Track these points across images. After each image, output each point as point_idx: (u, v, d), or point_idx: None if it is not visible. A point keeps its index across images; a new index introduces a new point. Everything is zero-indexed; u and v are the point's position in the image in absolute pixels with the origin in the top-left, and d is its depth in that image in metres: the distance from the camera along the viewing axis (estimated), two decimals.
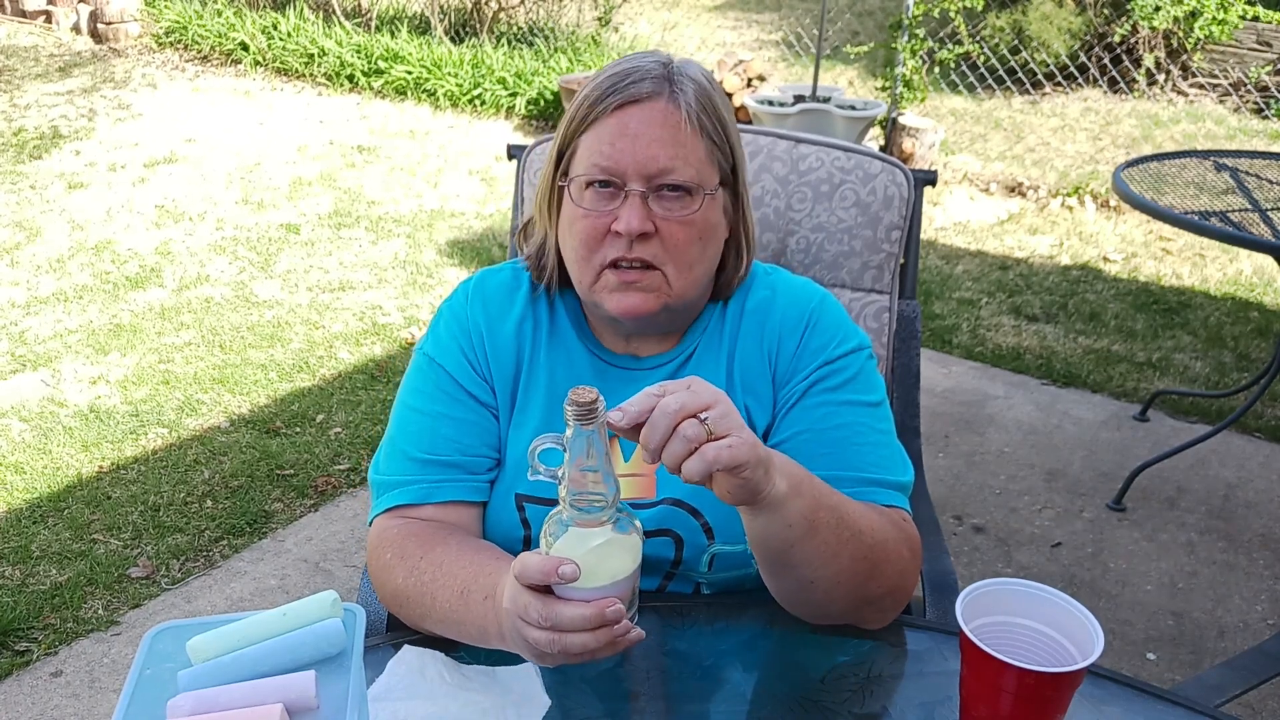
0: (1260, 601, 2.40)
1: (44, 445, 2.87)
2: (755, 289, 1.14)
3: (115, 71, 6.76)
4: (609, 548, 0.81)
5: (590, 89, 1.03)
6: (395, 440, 1.11)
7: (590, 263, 1.04)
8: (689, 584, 1.10)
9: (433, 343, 1.14)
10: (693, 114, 1.01)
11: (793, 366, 1.09)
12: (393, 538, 1.04)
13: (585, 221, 1.03)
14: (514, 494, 1.09)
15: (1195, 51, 6.10)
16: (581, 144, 1.03)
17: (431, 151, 5.54)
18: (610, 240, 1.02)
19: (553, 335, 1.13)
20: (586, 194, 1.03)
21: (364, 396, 3.18)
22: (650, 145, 1.00)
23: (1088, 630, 0.83)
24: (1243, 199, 2.73)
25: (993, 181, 5.19)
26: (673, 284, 1.03)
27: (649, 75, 1.02)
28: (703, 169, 1.03)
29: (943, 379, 3.40)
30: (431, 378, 1.12)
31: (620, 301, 1.03)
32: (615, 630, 0.80)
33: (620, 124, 1.01)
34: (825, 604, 0.98)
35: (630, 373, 1.11)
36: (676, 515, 1.06)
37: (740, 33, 7.92)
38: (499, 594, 0.88)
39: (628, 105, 1.01)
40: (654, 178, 1.01)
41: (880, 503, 1.02)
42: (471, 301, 1.14)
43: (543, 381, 1.11)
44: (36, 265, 4.03)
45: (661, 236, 1.02)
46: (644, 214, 1.01)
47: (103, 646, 2.20)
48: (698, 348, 1.12)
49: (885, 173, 1.51)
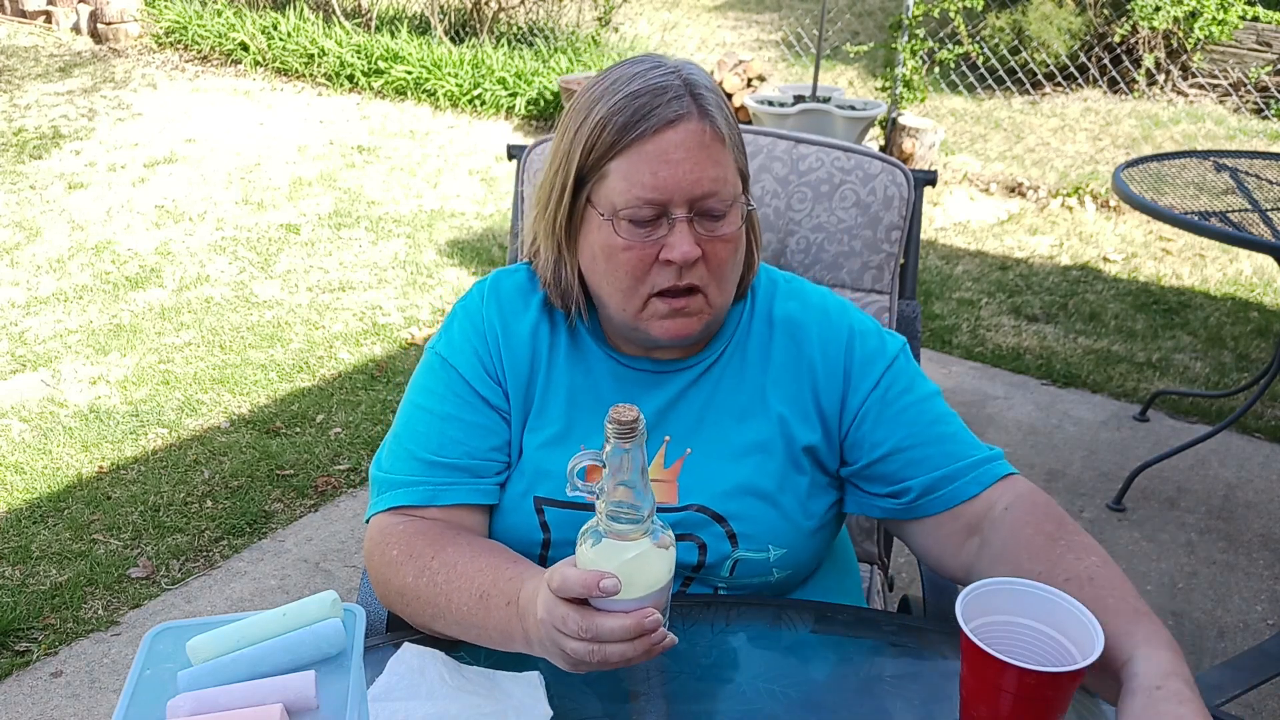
0: (1260, 601, 2.40)
1: (44, 445, 2.87)
2: (779, 298, 1.14)
3: (115, 71, 6.76)
4: (645, 559, 0.82)
5: (609, 111, 0.98)
6: (402, 439, 1.09)
7: (637, 293, 1.02)
8: (708, 588, 1.10)
9: (445, 343, 1.12)
10: (720, 128, 1.00)
11: (848, 385, 1.09)
12: (399, 534, 1.03)
13: (629, 254, 1.00)
14: (532, 497, 1.07)
15: (1195, 52, 6.10)
16: (612, 171, 0.99)
17: (431, 152, 5.54)
18: (658, 268, 1.00)
19: (570, 339, 1.11)
20: (625, 224, 1.00)
21: (364, 397, 3.18)
22: (693, 169, 0.97)
23: (1088, 630, 0.83)
24: (1243, 199, 2.73)
25: (993, 182, 5.19)
26: (713, 303, 1.03)
27: (676, 94, 0.98)
28: (735, 180, 1.02)
29: (943, 379, 3.40)
30: (443, 378, 1.10)
31: (668, 328, 1.02)
32: (653, 639, 0.82)
33: (659, 150, 0.97)
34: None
35: (649, 375, 1.10)
36: (701, 521, 1.06)
37: (740, 33, 7.92)
38: (522, 600, 0.89)
39: (663, 129, 0.97)
40: (697, 201, 0.99)
41: (1000, 475, 1.05)
42: (487, 302, 1.12)
43: (562, 386, 1.09)
44: (36, 265, 4.03)
45: (706, 258, 1.00)
46: (693, 238, 0.99)
47: (103, 646, 2.20)
48: (722, 355, 1.11)
49: (885, 173, 1.51)
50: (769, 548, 1.06)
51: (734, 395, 1.09)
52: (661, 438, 1.09)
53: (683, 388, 1.09)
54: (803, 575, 1.11)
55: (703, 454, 1.08)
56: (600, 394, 1.09)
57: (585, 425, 1.08)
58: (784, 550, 1.07)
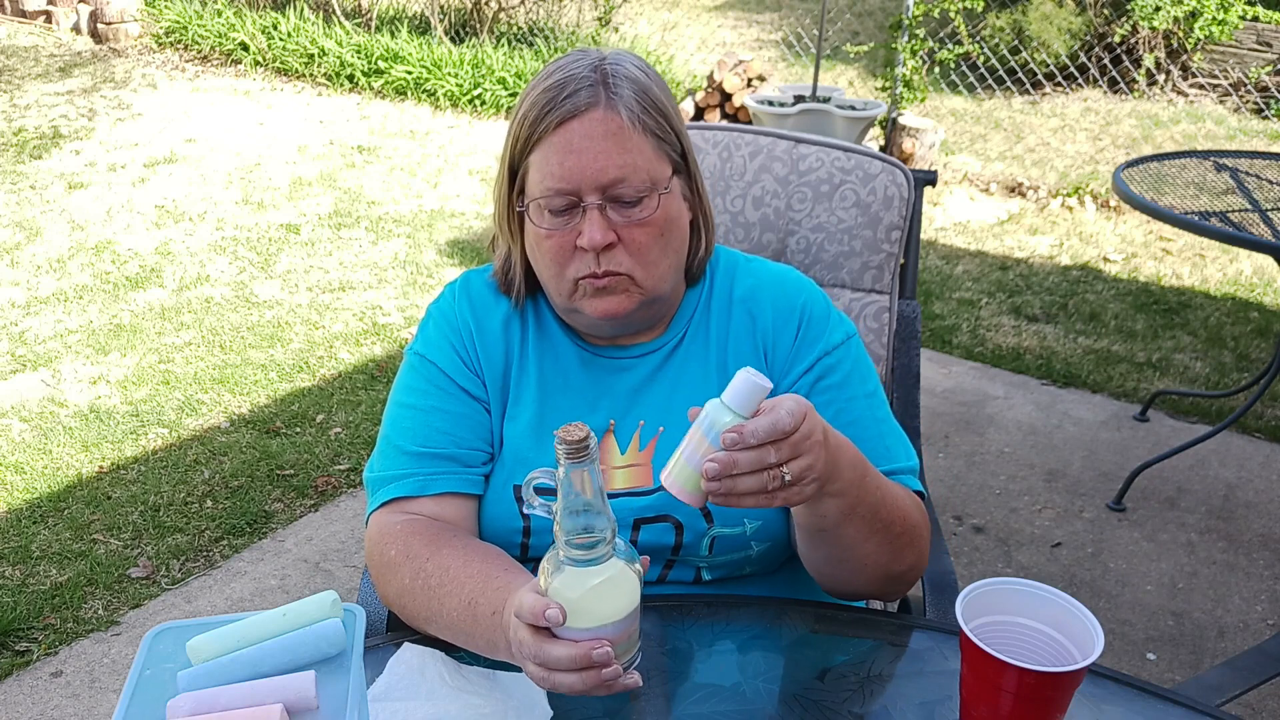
0: (1260, 601, 2.40)
1: (44, 445, 2.87)
2: (739, 277, 1.16)
3: (115, 72, 6.76)
4: (604, 588, 0.80)
5: (528, 106, 1.03)
6: (389, 437, 1.12)
7: (563, 279, 1.05)
8: (690, 569, 1.11)
9: (422, 341, 1.16)
10: (634, 116, 1.01)
11: (791, 358, 1.11)
12: (397, 534, 1.04)
13: (549, 241, 1.04)
14: (511, 486, 1.10)
15: (1195, 52, 6.10)
16: (531, 164, 1.03)
17: (431, 152, 5.54)
18: (577, 255, 1.03)
19: (539, 330, 1.14)
20: (545, 214, 1.03)
21: (364, 396, 3.17)
22: (597, 158, 1.00)
23: (1088, 630, 0.83)
24: (1243, 199, 2.73)
25: (993, 182, 5.19)
26: (641, 284, 1.05)
27: (583, 84, 1.01)
28: (653, 167, 1.03)
29: (943, 379, 3.40)
30: (423, 373, 1.13)
31: (597, 306, 1.05)
32: (604, 674, 0.80)
33: (565, 141, 1.00)
34: (850, 580, 1.03)
35: (617, 362, 1.13)
36: (675, 501, 1.07)
37: (740, 33, 7.92)
38: (506, 612, 0.89)
39: (568, 120, 1.00)
40: (608, 188, 1.01)
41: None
42: (459, 300, 1.16)
43: (533, 376, 1.12)
44: (37, 265, 4.03)
45: (624, 243, 1.03)
46: (604, 225, 1.01)
47: (103, 646, 2.20)
48: (684, 337, 1.14)
49: (885, 173, 1.51)
50: (744, 521, 1.08)
51: (700, 374, 1.12)
52: (636, 422, 1.11)
53: (650, 371, 1.12)
54: (782, 548, 1.12)
55: (674, 434, 1.10)
56: (570, 381, 1.12)
57: (557, 413, 1.11)
58: (758, 522, 1.08)
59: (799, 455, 0.83)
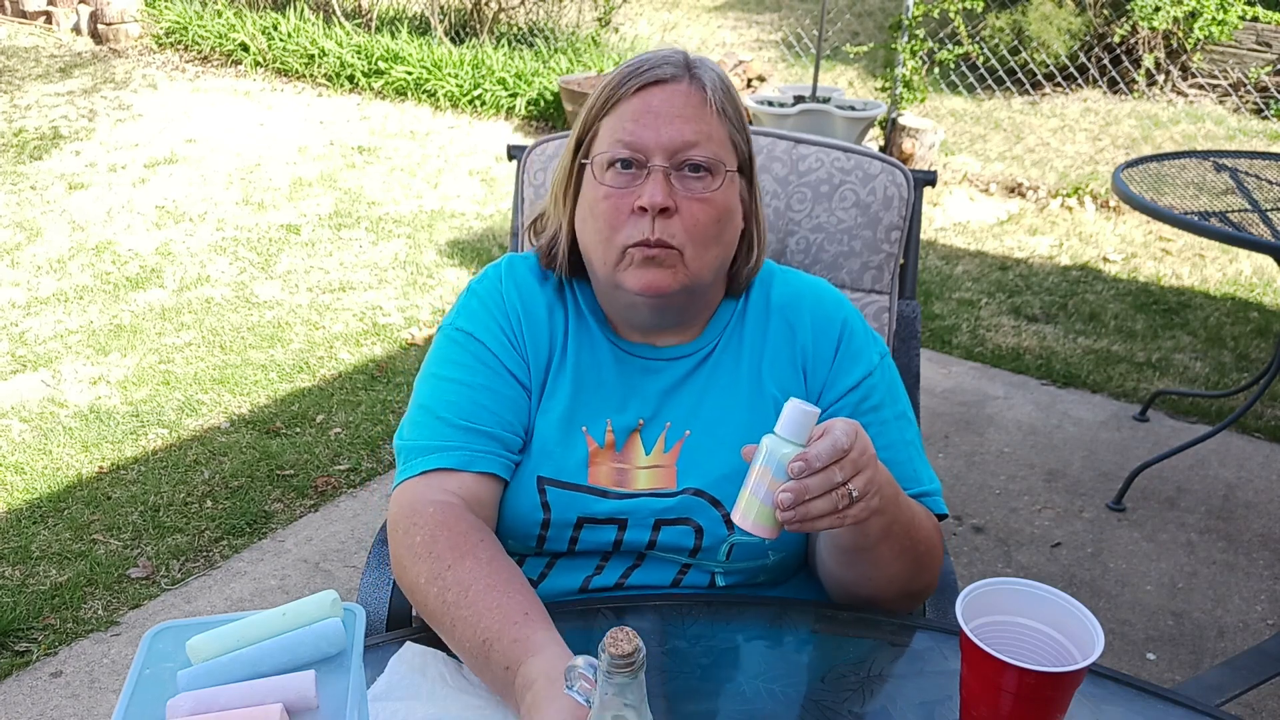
0: (1260, 601, 2.40)
1: (44, 445, 2.87)
2: (775, 285, 1.16)
3: (115, 72, 6.76)
4: None
5: (612, 77, 1.05)
6: (430, 408, 1.08)
7: (613, 243, 1.03)
8: (705, 574, 1.10)
9: (467, 318, 1.12)
10: (716, 96, 1.04)
11: (830, 375, 1.11)
12: (427, 519, 0.99)
13: (607, 202, 1.03)
14: (536, 477, 1.08)
15: (1195, 52, 6.10)
16: (603, 126, 1.05)
17: (432, 152, 5.54)
18: (633, 220, 1.02)
19: (579, 323, 1.13)
20: (609, 173, 1.04)
21: (364, 397, 3.18)
22: (674, 121, 1.02)
23: (1088, 630, 0.83)
24: (1242, 199, 2.73)
25: (992, 182, 5.19)
26: (689, 264, 1.04)
27: (669, 61, 1.05)
28: (723, 149, 1.05)
29: (943, 379, 3.40)
30: (470, 350, 1.10)
31: (641, 278, 1.03)
32: None
33: (643, 103, 1.03)
34: (869, 597, 1.04)
35: (649, 363, 1.12)
36: (697, 505, 1.07)
37: (740, 33, 7.92)
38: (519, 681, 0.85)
39: (650, 86, 1.03)
40: (677, 153, 1.02)
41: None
42: (505, 283, 1.14)
43: (570, 369, 1.11)
44: (37, 266, 4.03)
45: (681, 215, 1.02)
46: (666, 189, 1.01)
47: (103, 646, 2.20)
48: (719, 344, 1.13)
49: (885, 173, 1.51)
50: None
51: (731, 380, 1.11)
52: (664, 424, 1.10)
53: (681, 375, 1.11)
54: (798, 557, 1.12)
55: (700, 438, 1.09)
56: (603, 377, 1.11)
57: (588, 408, 1.10)
58: None
59: (860, 471, 0.86)
